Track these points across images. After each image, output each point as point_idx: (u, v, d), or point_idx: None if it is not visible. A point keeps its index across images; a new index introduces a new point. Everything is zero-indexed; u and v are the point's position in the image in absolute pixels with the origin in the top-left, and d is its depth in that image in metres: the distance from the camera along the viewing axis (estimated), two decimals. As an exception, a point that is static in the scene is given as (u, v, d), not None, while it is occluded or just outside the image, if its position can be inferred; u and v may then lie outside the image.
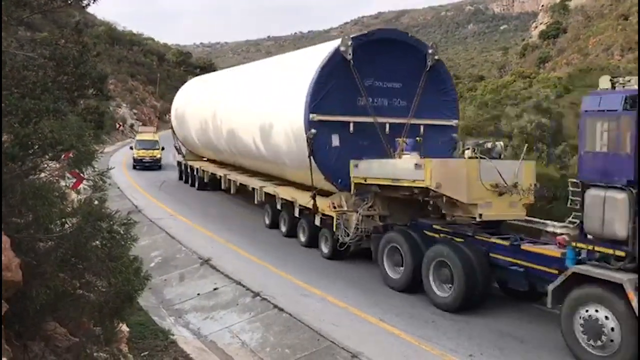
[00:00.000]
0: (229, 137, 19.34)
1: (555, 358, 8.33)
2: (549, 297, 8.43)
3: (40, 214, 5.05)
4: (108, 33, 74.95)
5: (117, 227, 5.57)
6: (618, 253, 7.78)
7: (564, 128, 22.13)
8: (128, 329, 7.57)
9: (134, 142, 35.65)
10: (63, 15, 16.34)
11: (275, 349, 9.04)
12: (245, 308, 10.79)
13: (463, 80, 63.42)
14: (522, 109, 23.49)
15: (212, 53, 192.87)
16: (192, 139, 25.14)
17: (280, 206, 16.45)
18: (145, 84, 73.86)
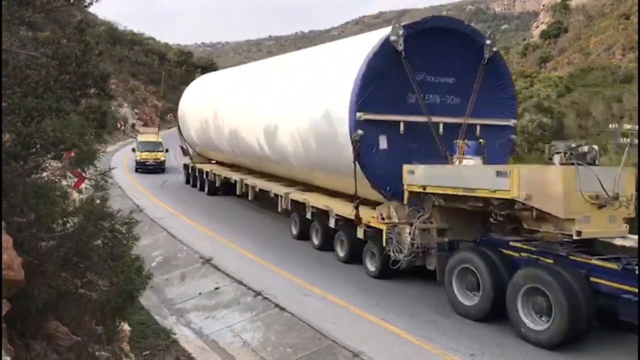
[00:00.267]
0: (254, 140, 17.35)
1: (555, 357, 8.32)
2: None
3: (42, 213, 5.06)
4: (109, 33, 75.08)
5: (119, 227, 5.58)
6: None
7: (565, 127, 22.15)
8: (129, 328, 7.57)
9: (136, 144, 33.28)
10: (64, 15, 16.31)
11: (276, 348, 9.04)
12: (246, 307, 10.79)
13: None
14: (524, 109, 23.51)
15: (214, 53, 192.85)
16: (210, 141, 22.70)
17: (310, 215, 14.76)
18: (147, 84, 73.99)
